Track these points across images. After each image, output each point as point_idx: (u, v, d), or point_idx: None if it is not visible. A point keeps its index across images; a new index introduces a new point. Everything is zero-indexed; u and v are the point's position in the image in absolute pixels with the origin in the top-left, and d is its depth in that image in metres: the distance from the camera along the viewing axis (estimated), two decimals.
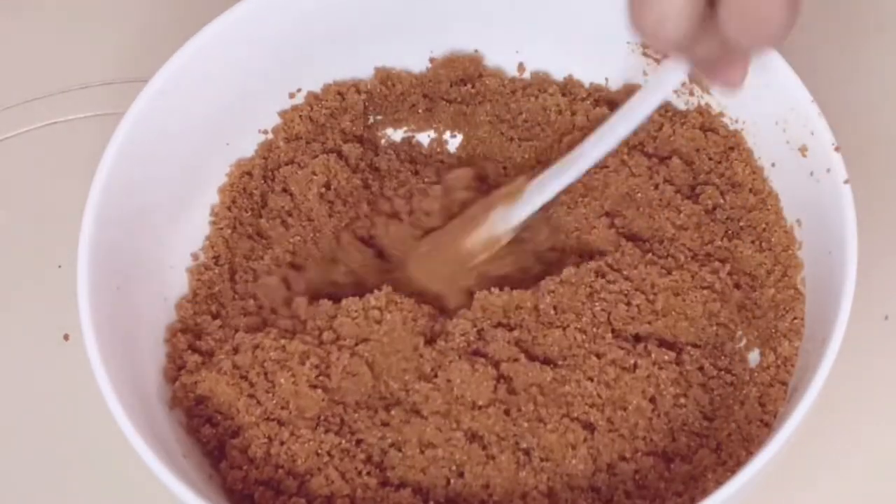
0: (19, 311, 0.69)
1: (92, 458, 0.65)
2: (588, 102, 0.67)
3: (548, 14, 0.66)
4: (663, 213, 0.62)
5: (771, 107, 0.61)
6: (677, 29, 0.48)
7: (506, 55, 0.68)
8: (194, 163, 0.65)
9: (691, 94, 0.65)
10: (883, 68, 0.72)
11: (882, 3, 0.74)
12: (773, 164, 0.62)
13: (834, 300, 0.55)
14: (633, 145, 0.64)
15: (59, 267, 0.67)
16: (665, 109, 0.65)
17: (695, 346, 0.60)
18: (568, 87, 0.68)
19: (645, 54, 0.66)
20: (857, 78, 0.71)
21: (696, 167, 0.64)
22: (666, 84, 0.58)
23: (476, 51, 0.68)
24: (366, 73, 0.68)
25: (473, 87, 0.68)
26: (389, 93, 0.68)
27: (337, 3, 0.65)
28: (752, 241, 0.62)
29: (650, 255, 0.61)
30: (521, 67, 0.68)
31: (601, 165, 0.63)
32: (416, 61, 0.68)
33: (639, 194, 0.63)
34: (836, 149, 0.58)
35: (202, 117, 0.64)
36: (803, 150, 0.60)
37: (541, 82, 0.68)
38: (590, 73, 0.68)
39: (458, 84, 0.68)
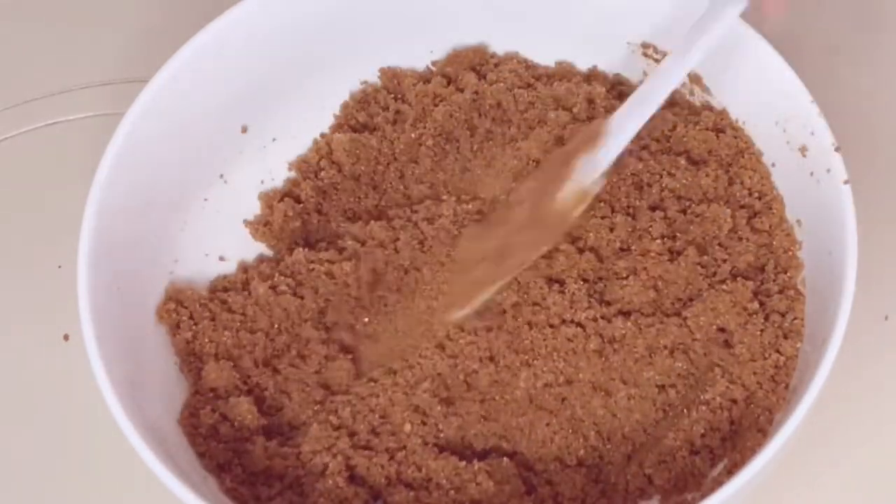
0: (19, 311, 0.69)
1: (92, 457, 0.65)
2: (612, 95, 0.66)
3: (546, 10, 0.66)
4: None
5: (771, 107, 0.61)
6: None
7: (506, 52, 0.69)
8: (194, 163, 0.65)
9: (691, 93, 0.65)
10: (883, 68, 0.72)
11: (882, 3, 0.74)
12: (773, 165, 0.62)
13: (834, 300, 0.55)
14: (644, 145, 0.64)
15: (59, 267, 0.67)
16: (679, 107, 0.65)
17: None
18: (591, 78, 0.67)
19: (645, 55, 0.66)
20: (857, 78, 0.71)
21: (703, 170, 0.64)
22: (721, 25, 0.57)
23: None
24: (366, 73, 0.68)
25: (487, 78, 0.68)
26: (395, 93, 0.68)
27: (337, 4, 0.65)
28: (755, 243, 0.62)
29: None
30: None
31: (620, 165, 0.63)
32: (417, 61, 0.68)
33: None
34: (837, 149, 0.58)
35: (202, 117, 0.64)
36: (803, 150, 0.60)
37: (565, 72, 0.67)
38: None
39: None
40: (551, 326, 0.61)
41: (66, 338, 0.66)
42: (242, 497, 0.58)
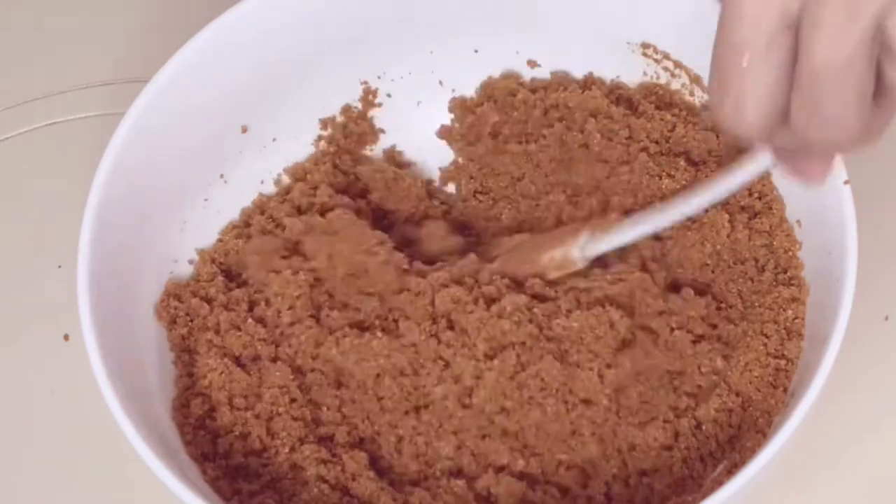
0: (19, 311, 0.69)
1: (92, 458, 0.65)
2: (608, 101, 0.66)
3: (545, 12, 0.66)
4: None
5: None
6: (756, 114, 0.46)
7: (507, 54, 0.68)
8: (194, 163, 0.65)
9: (691, 94, 0.65)
10: None
11: None
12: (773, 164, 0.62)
13: (834, 300, 0.55)
14: (643, 147, 0.64)
15: (59, 267, 0.67)
16: (679, 108, 0.65)
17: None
18: (587, 85, 0.67)
19: (645, 55, 0.66)
20: None
21: (703, 171, 0.64)
22: (754, 168, 0.56)
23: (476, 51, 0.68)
24: (366, 73, 0.68)
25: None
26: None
27: (337, 4, 0.65)
28: (755, 245, 0.62)
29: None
30: (531, 63, 0.68)
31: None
32: (417, 62, 0.68)
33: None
34: None
35: (202, 117, 0.64)
36: None
37: (560, 80, 0.68)
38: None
39: None
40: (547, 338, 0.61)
41: (66, 338, 0.66)
42: (223, 491, 0.58)
